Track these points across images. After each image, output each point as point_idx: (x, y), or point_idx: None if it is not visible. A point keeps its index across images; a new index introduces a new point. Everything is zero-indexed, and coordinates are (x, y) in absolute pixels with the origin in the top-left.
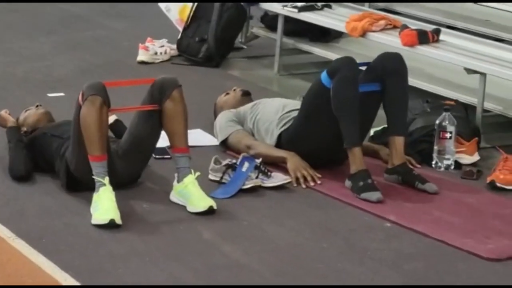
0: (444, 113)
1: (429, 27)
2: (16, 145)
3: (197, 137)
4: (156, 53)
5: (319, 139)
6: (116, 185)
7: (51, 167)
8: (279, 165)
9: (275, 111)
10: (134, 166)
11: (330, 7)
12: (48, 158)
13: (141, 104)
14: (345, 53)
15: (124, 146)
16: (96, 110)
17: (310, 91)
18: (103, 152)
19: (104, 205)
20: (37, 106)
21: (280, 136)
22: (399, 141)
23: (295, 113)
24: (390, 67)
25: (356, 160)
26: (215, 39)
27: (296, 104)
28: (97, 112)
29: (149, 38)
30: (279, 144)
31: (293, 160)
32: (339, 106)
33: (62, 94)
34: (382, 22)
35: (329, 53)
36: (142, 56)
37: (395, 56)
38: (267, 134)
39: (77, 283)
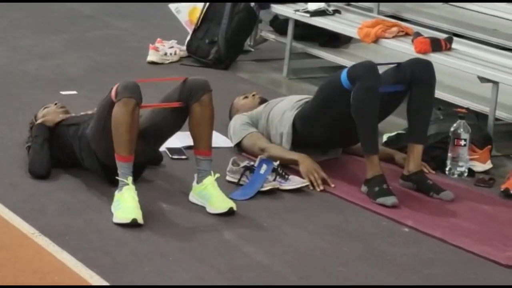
0: (459, 121)
1: (439, 35)
2: (43, 144)
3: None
4: (166, 54)
5: (328, 128)
6: None
7: (71, 157)
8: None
9: (288, 102)
10: (145, 147)
11: (339, 12)
12: (67, 149)
13: (166, 96)
14: (354, 58)
15: (143, 125)
16: (129, 112)
17: (327, 85)
18: (130, 153)
19: (126, 204)
20: (55, 103)
21: (293, 123)
22: (418, 149)
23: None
24: (420, 75)
25: (373, 166)
26: (225, 41)
27: (310, 97)
28: (130, 115)
29: (159, 39)
30: (294, 129)
31: (305, 163)
32: (359, 114)
33: (74, 92)
34: (395, 29)
35: (338, 58)
36: (152, 56)
37: (426, 64)
38: (281, 123)
39: (103, 281)
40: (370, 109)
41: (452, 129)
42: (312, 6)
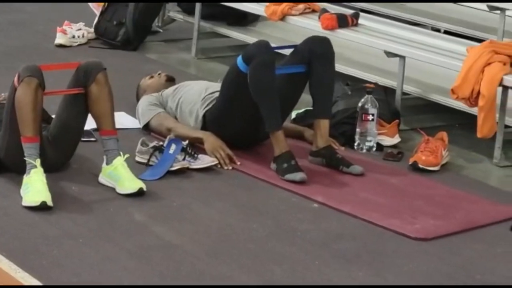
0: (366, 96)
1: (346, 11)
2: None
3: (121, 120)
4: (74, 37)
5: (241, 120)
6: (47, 170)
7: None
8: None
9: (198, 93)
10: (64, 150)
11: None
12: None
13: (67, 88)
14: (262, 36)
15: (53, 131)
16: (31, 91)
17: (228, 76)
18: (36, 134)
19: (35, 187)
20: None
21: (204, 117)
22: (324, 124)
23: (217, 94)
24: (318, 50)
25: (279, 143)
26: (133, 22)
27: (219, 86)
28: (33, 94)
29: (66, 22)
30: (204, 125)
31: (209, 141)
32: (258, 91)
33: None
34: (301, 6)
35: (246, 37)
36: (60, 39)
37: (323, 40)
38: (192, 115)
39: (12, 264)
40: (268, 84)
41: (360, 104)
42: None
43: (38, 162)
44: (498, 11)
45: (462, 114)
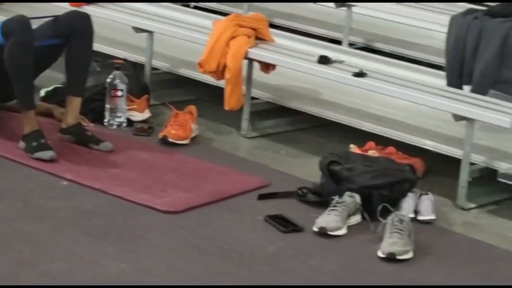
0: (114, 72)
1: None
2: None
3: None
4: None
5: None
6: None
7: None
8: None
9: None
10: None
11: None
12: None
13: None
14: (10, 14)
15: None
16: None
17: None
18: None
19: None
20: None
21: None
22: (76, 102)
23: None
24: (78, 27)
25: (30, 122)
26: None
27: None
28: None
29: None
30: None
31: None
32: (14, 69)
33: None
34: None
35: None
36: None
37: (84, 17)
38: None
39: None
40: (25, 65)
41: (108, 80)
42: None
43: None
44: None
45: (210, 87)
